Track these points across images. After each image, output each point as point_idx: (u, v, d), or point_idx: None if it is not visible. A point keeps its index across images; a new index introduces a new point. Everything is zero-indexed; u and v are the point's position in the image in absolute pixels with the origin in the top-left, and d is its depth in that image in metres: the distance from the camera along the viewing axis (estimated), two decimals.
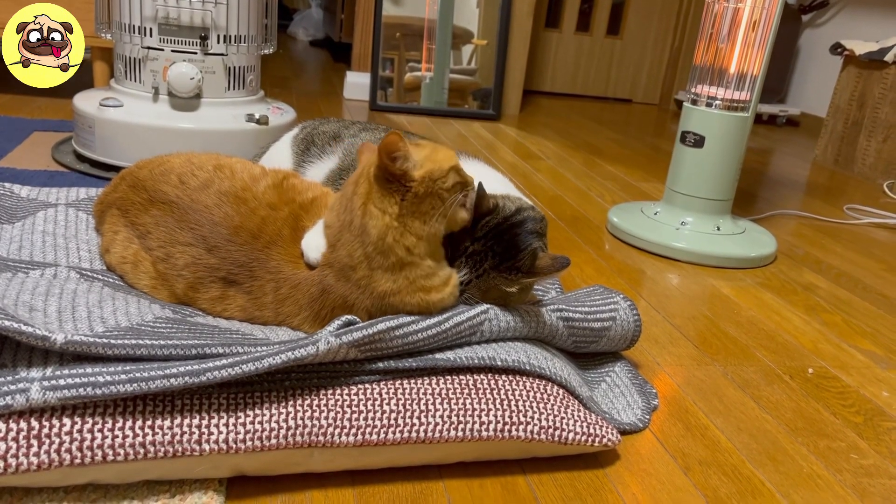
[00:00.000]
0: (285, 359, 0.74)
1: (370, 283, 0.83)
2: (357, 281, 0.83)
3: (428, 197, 0.83)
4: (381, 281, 0.83)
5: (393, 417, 0.78)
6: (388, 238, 0.82)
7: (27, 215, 1.04)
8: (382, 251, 0.82)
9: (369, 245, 0.82)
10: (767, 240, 1.68)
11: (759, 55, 1.58)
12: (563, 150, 2.52)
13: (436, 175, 0.83)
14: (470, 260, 0.90)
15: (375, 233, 0.82)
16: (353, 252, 0.82)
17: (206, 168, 0.93)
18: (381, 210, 0.82)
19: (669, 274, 1.51)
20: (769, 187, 2.35)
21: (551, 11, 3.62)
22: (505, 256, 0.89)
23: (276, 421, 0.74)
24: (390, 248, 0.82)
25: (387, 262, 0.83)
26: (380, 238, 0.82)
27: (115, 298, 0.82)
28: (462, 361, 0.85)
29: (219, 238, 0.87)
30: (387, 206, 0.82)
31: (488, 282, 0.90)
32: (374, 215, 0.82)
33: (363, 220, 0.82)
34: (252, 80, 1.76)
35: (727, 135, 1.59)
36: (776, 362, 1.17)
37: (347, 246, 0.83)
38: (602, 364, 1.06)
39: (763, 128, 3.50)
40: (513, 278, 0.90)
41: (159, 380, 0.69)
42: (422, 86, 2.90)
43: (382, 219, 0.82)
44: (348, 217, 0.83)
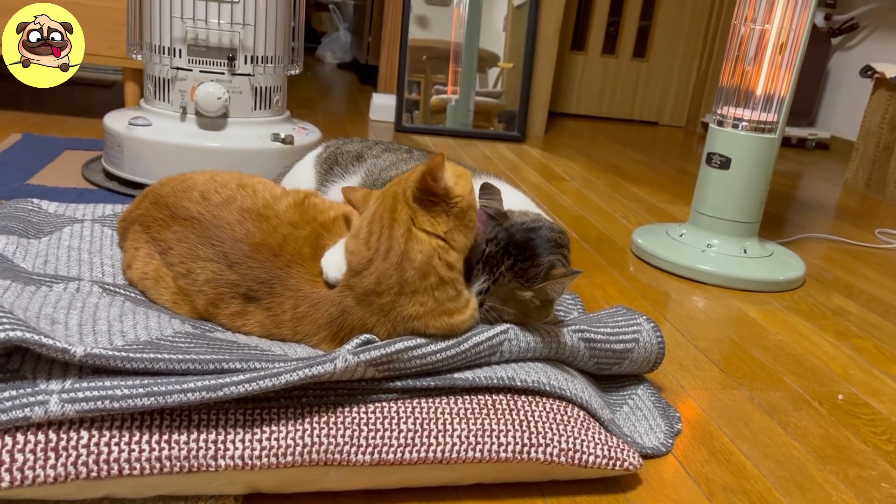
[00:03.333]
0: (302, 375, 0.74)
1: (395, 308, 0.82)
2: (381, 306, 0.83)
3: (469, 210, 0.85)
4: (407, 305, 0.82)
5: (410, 437, 0.77)
6: (433, 260, 0.82)
7: (54, 230, 1.05)
8: (423, 273, 0.82)
9: (410, 270, 0.82)
10: (796, 263, 1.66)
11: (786, 76, 1.57)
12: (587, 172, 2.51)
13: (469, 187, 0.86)
14: (486, 265, 0.89)
15: (421, 257, 0.82)
16: (385, 280, 0.82)
17: (228, 186, 0.94)
18: (430, 232, 0.83)
19: (695, 297, 1.49)
20: (798, 211, 2.32)
21: (577, 34, 3.63)
22: (520, 258, 0.89)
23: (292, 438, 0.74)
24: (433, 269, 0.82)
25: (424, 284, 0.82)
26: (426, 261, 0.82)
27: (135, 313, 0.83)
28: (481, 381, 0.84)
29: (240, 255, 0.87)
30: (437, 226, 0.83)
31: (505, 287, 0.89)
32: (422, 240, 0.82)
33: (406, 245, 0.82)
34: (278, 101, 1.78)
35: (754, 156, 1.57)
36: (804, 388, 1.15)
37: (377, 273, 0.82)
38: (625, 387, 1.05)
39: (792, 151, 3.47)
40: (528, 285, 0.89)
41: (177, 394, 0.69)
42: (447, 108, 2.91)
43: (430, 241, 0.82)
44: (385, 245, 0.82)
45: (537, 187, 2.21)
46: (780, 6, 1.54)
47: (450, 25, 2.87)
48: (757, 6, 1.56)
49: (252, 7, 1.64)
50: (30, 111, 2.34)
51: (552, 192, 2.17)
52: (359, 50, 4.28)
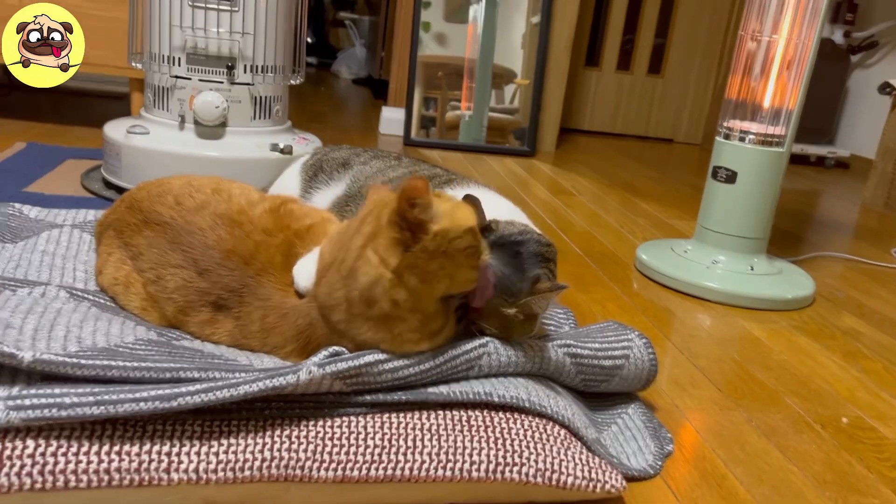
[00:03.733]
0: (263, 387, 0.70)
1: (349, 330, 0.78)
2: (334, 324, 0.78)
3: (438, 256, 0.76)
4: (360, 329, 0.78)
5: (377, 453, 0.74)
6: (376, 289, 0.75)
7: (31, 235, 1.03)
8: (367, 300, 0.76)
9: (354, 290, 0.76)
10: (805, 281, 1.60)
11: (794, 89, 1.52)
12: (597, 187, 2.47)
13: (452, 234, 0.76)
14: None
15: (365, 280, 0.75)
16: (333, 293, 0.78)
17: (204, 190, 0.92)
18: (381, 258, 0.75)
19: (698, 314, 1.44)
20: (814, 229, 2.26)
21: (591, 50, 3.60)
22: (505, 272, 0.85)
23: (250, 451, 0.70)
24: (376, 300, 0.76)
25: (370, 312, 0.77)
26: (368, 287, 0.75)
27: (98, 319, 0.80)
28: (455, 396, 0.80)
29: (210, 261, 0.84)
30: (389, 255, 0.75)
31: (488, 304, 0.85)
32: (371, 262, 0.75)
33: (355, 263, 0.76)
34: (279, 111, 1.77)
35: (761, 170, 1.53)
36: (807, 410, 1.10)
37: (328, 284, 0.78)
38: (615, 405, 1.00)
39: (811, 170, 3.40)
40: (512, 301, 0.85)
41: (128, 403, 0.66)
42: (460, 123, 2.89)
43: (377, 268, 0.75)
44: (341, 255, 0.78)
45: (544, 202, 2.18)
46: (789, 17, 1.50)
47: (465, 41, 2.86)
48: (764, 18, 1.52)
49: (252, 16, 1.63)
50: (38, 121, 2.35)
51: (558, 207, 2.13)
52: (373, 65, 4.28)
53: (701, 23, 3.59)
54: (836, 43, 3.44)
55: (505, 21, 2.87)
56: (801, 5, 1.48)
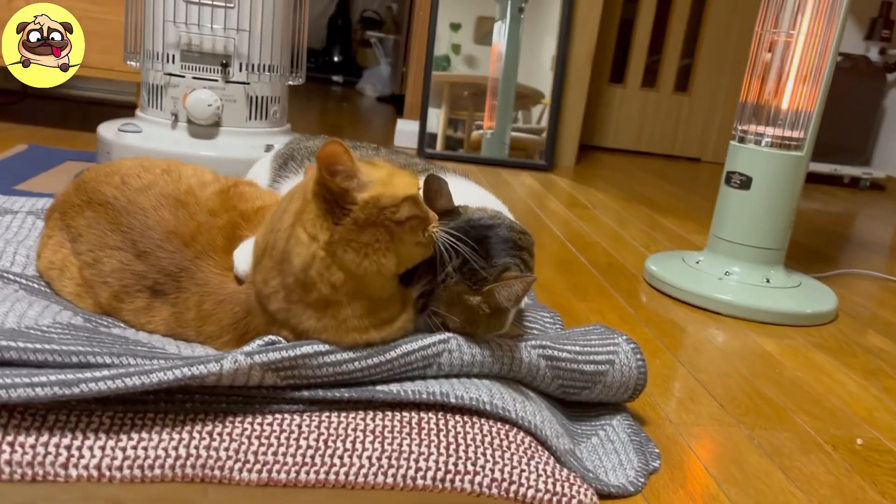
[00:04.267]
0: (179, 375, 0.63)
1: (289, 319, 0.71)
2: (273, 314, 0.71)
3: (370, 227, 0.69)
4: (301, 317, 0.70)
5: (309, 455, 0.66)
6: (311, 270, 0.68)
7: None
8: (304, 285, 0.69)
9: (289, 276, 0.69)
10: (826, 296, 1.49)
11: (814, 91, 1.43)
12: (614, 202, 2.38)
13: (384, 202, 0.69)
14: (430, 264, 0.77)
15: (298, 262, 0.68)
16: (269, 280, 0.71)
17: (153, 171, 0.86)
18: (311, 235, 0.68)
19: (706, 327, 1.34)
20: (843, 248, 2.14)
21: (616, 67, 3.52)
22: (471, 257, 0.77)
23: (163, 448, 0.63)
24: (313, 283, 0.69)
25: (309, 298, 0.70)
26: (303, 269, 0.68)
27: (19, 301, 0.74)
28: (406, 396, 0.72)
29: (149, 243, 0.78)
30: (317, 230, 0.68)
31: (451, 290, 0.77)
32: (301, 241, 0.69)
33: (287, 244, 0.69)
34: (276, 112, 1.72)
35: (778, 175, 1.43)
36: (818, 429, 0.99)
37: (264, 272, 0.71)
38: (598, 416, 0.91)
39: (844, 191, 3.26)
40: (476, 287, 0.77)
41: (23, 388, 0.59)
42: (482, 140, 2.83)
43: (308, 247, 0.68)
44: (272, 238, 0.71)
45: (554, 213, 2.09)
46: (808, 13, 1.41)
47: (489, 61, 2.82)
48: (782, 14, 1.43)
49: (248, 12, 1.58)
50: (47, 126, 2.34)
51: (569, 219, 2.04)
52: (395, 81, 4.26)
53: (729, 40, 3.49)
54: (871, 60, 3.31)
55: (534, 43, 2.82)
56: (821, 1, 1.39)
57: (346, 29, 5.43)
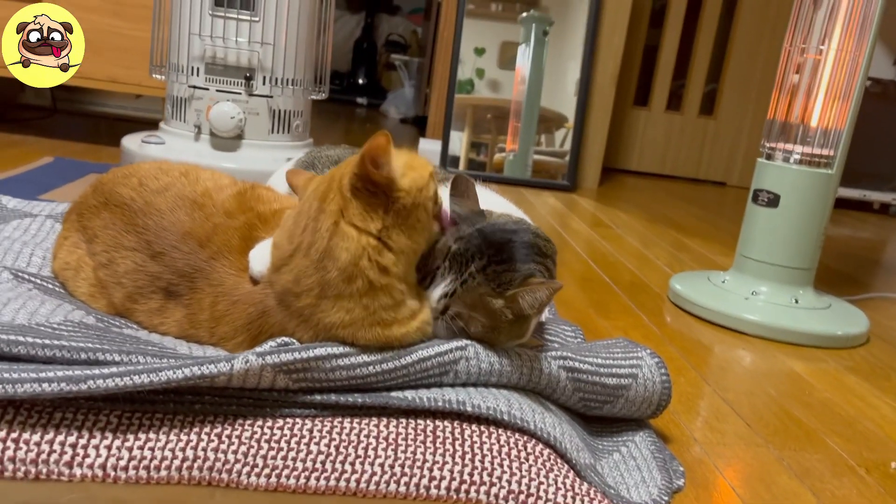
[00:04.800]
0: (189, 374, 0.61)
1: (315, 314, 0.70)
2: (300, 309, 0.70)
3: (415, 209, 0.72)
4: (329, 311, 0.70)
5: (320, 460, 0.64)
6: (362, 261, 0.69)
7: (0, 223, 0.98)
8: (349, 276, 0.69)
9: (333, 271, 0.69)
10: (858, 319, 1.44)
11: (844, 108, 1.40)
12: (638, 222, 2.35)
13: (420, 183, 0.73)
14: (454, 263, 0.76)
15: (346, 256, 0.69)
16: (303, 278, 0.70)
17: (171, 173, 0.85)
18: (360, 228, 0.69)
19: (733, 348, 1.30)
20: (874, 273, 2.09)
21: (641, 90, 3.50)
22: (495, 258, 0.75)
23: (170, 448, 0.61)
24: (361, 272, 0.69)
25: (349, 289, 0.69)
26: (352, 262, 0.69)
27: (31, 299, 0.73)
28: (422, 403, 0.70)
29: (164, 244, 0.77)
30: (370, 222, 0.70)
31: (474, 292, 0.75)
32: (349, 236, 0.69)
33: (331, 241, 0.69)
34: (299, 126, 1.72)
35: (807, 193, 1.40)
36: (850, 452, 0.95)
37: (296, 271, 0.70)
38: (621, 432, 0.88)
39: (874, 216, 3.21)
40: (500, 290, 0.75)
41: (29, 383, 0.58)
42: (505, 162, 2.83)
43: (359, 239, 0.69)
44: (308, 239, 0.70)
45: (576, 232, 2.06)
46: (839, 29, 1.38)
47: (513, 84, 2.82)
48: (811, 30, 1.41)
49: (272, 26, 1.59)
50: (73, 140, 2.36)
51: (592, 238, 2.02)
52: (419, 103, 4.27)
53: (755, 64, 3.46)
54: None
55: (558, 66, 2.82)
56: (853, 16, 1.37)
57: (371, 52, 5.48)
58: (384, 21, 5.65)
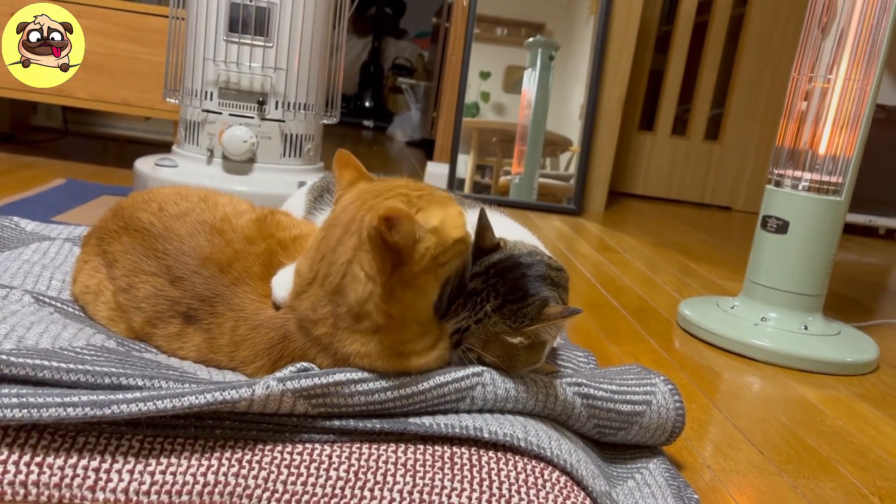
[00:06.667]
0: (211, 399, 0.62)
1: (332, 343, 0.71)
2: (317, 338, 0.71)
3: (428, 272, 0.71)
4: (346, 342, 0.70)
5: (339, 486, 0.64)
6: (367, 305, 0.69)
7: (19, 245, 0.99)
8: (357, 315, 0.70)
9: (342, 306, 0.70)
10: (867, 346, 1.45)
11: (852, 135, 1.41)
12: (645, 246, 2.36)
13: (437, 251, 0.71)
14: (469, 301, 0.76)
15: (354, 296, 0.69)
16: (319, 307, 0.71)
17: (190, 199, 0.86)
18: (368, 275, 0.69)
19: (743, 374, 1.30)
20: (882, 299, 2.09)
21: (646, 114, 3.53)
22: (509, 297, 0.76)
23: (191, 473, 0.61)
24: (367, 314, 0.70)
25: (360, 326, 0.70)
26: (358, 303, 0.69)
27: (53, 322, 0.74)
28: (440, 429, 0.70)
29: (184, 269, 0.78)
30: (375, 272, 0.69)
31: (489, 329, 0.76)
32: (358, 278, 0.69)
33: (343, 279, 0.70)
34: (310, 150, 1.73)
35: (815, 220, 1.40)
36: (864, 480, 0.95)
37: (313, 299, 0.71)
38: (634, 459, 0.88)
39: (880, 242, 3.21)
40: (517, 326, 0.75)
41: (54, 408, 0.59)
42: (510, 185, 2.84)
43: (366, 285, 0.69)
44: (325, 270, 0.71)
45: (583, 256, 2.07)
46: (846, 57, 1.40)
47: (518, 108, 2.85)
48: (819, 58, 1.42)
49: (286, 52, 1.61)
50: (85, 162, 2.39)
51: (599, 262, 2.02)
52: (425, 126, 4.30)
53: (760, 89, 3.49)
54: None
55: (563, 91, 2.85)
56: (861, 45, 1.39)
57: (378, 75, 5.53)
58: (391, 45, 5.70)
